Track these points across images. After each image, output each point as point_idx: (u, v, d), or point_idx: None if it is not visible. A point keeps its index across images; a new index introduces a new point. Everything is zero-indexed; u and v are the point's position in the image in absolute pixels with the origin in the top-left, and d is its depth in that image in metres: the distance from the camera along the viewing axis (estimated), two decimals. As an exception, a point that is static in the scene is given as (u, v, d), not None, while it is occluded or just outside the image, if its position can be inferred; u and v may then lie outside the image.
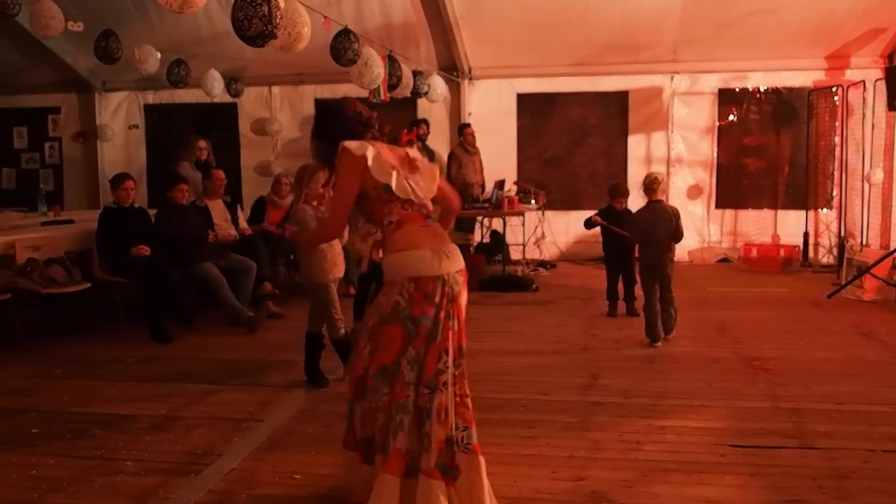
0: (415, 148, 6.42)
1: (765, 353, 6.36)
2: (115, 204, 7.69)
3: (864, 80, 10.38)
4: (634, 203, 8.56)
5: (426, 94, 10.58)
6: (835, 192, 10.93)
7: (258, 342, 7.10)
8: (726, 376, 5.75)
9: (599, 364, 6.15)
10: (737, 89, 11.41)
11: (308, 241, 3.95)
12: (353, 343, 5.21)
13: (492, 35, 10.97)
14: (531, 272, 10.51)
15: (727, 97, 11.45)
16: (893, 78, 9.34)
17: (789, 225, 11.28)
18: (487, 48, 11.31)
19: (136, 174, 10.09)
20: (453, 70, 11.62)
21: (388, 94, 9.42)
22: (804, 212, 11.20)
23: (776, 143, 11.50)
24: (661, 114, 11.52)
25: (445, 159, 11.19)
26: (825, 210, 11.11)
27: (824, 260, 11.02)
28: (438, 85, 10.83)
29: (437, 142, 11.61)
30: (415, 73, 10.03)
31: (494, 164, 11.36)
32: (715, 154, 11.51)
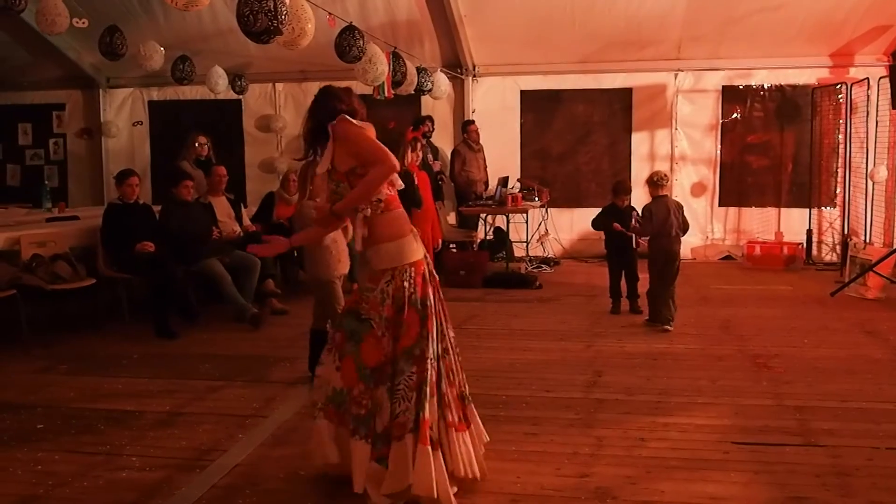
0: (419, 146, 6.45)
1: (769, 350, 6.36)
2: (119, 200, 7.71)
3: (868, 78, 10.37)
4: (636, 200, 8.58)
5: (430, 90, 10.58)
6: (838, 190, 10.92)
7: (262, 339, 7.11)
8: (730, 374, 5.76)
9: (603, 361, 6.16)
10: (741, 87, 11.39)
11: (371, 181, 3.73)
12: None
13: (496, 32, 10.96)
14: (534, 269, 10.52)
15: (731, 94, 11.43)
16: (898, 76, 9.34)
17: (793, 223, 11.27)
18: (491, 45, 11.30)
19: (141, 171, 10.11)
20: (457, 67, 11.62)
21: (393, 91, 9.43)
22: (808, 209, 11.19)
23: (780, 141, 11.49)
24: (664, 111, 11.51)
25: (449, 156, 11.20)
26: (829, 208, 11.11)
27: (828, 258, 11.02)
28: (442, 82, 10.83)
29: (441, 139, 11.63)
30: (419, 70, 10.03)
31: (498, 161, 11.37)
32: (718, 151, 11.50)
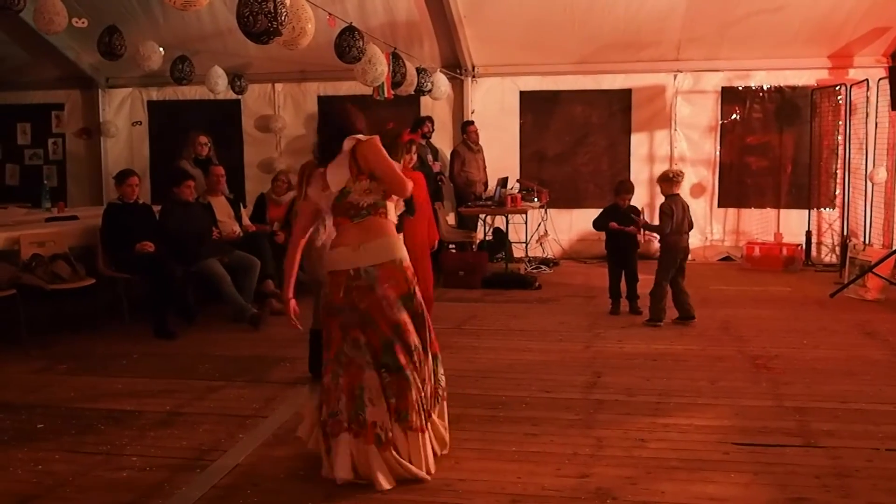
0: (413, 148, 6.48)
1: (768, 351, 6.37)
2: (119, 200, 7.70)
3: (867, 79, 10.37)
4: (637, 200, 8.58)
5: (430, 91, 10.58)
6: (838, 191, 10.93)
7: (262, 339, 7.11)
8: (730, 375, 5.76)
9: (603, 362, 6.16)
10: (740, 88, 11.40)
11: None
12: None
13: (495, 33, 10.97)
14: (534, 270, 10.52)
15: (730, 96, 11.44)
16: (897, 77, 9.35)
17: (792, 224, 11.27)
18: (491, 46, 11.31)
19: (140, 171, 10.07)
20: (457, 68, 11.62)
21: (392, 92, 9.43)
22: (807, 211, 11.20)
23: (779, 142, 11.49)
24: (664, 112, 11.52)
25: (449, 157, 11.20)
26: (828, 209, 11.11)
27: (827, 259, 11.03)
28: (442, 82, 10.84)
29: (441, 139, 11.63)
30: (418, 71, 10.03)
31: (497, 161, 11.37)
32: (718, 153, 11.51)
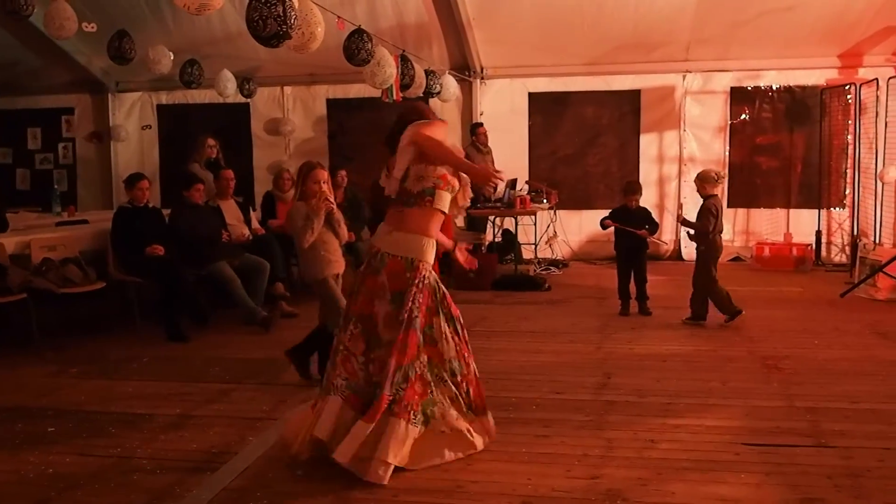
0: None
1: (779, 352, 6.35)
2: (129, 204, 7.72)
3: (877, 79, 10.33)
4: (647, 201, 8.57)
5: (438, 93, 10.59)
6: (848, 191, 10.89)
7: (273, 341, 7.09)
8: (741, 375, 5.75)
9: (613, 363, 6.15)
10: (749, 88, 11.38)
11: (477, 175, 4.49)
12: None
13: (504, 35, 10.97)
14: (543, 272, 10.52)
15: (740, 96, 11.42)
16: (907, 76, 9.32)
17: (802, 224, 11.24)
18: (499, 48, 11.31)
19: (150, 174, 10.10)
20: (465, 70, 11.63)
21: (401, 94, 9.44)
22: (817, 210, 11.17)
23: (789, 142, 11.46)
24: (673, 113, 11.50)
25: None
26: (838, 209, 11.08)
27: (837, 259, 10.99)
28: (451, 84, 10.85)
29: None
30: (427, 73, 10.04)
31: (506, 163, 11.32)
32: (727, 153, 11.48)
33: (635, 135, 11.72)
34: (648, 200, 10.31)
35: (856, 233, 10.61)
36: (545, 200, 10.79)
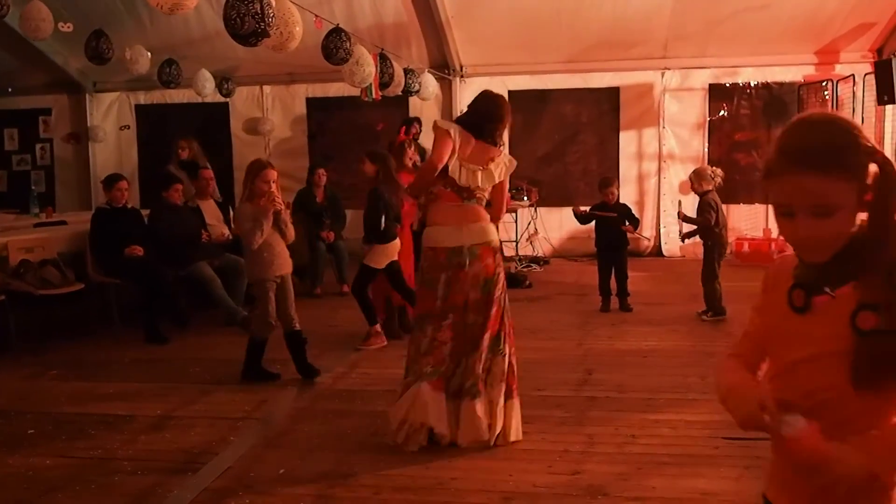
0: (412, 148, 6.55)
1: (758, 346, 6.38)
2: (107, 205, 7.67)
3: (853, 75, 10.42)
4: (627, 198, 8.60)
5: (418, 92, 10.58)
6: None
7: (253, 341, 7.10)
8: (720, 370, 5.77)
9: (594, 359, 6.18)
10: (727, 85, 11.44)
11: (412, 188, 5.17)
12: (304, 338, 5.77)
13: (483, 33, 10.97)
14: (524, 269, 10.54)
15: (718, 93, 11.48)
16: (882, 72, 9.38)
17: (781, 219, 11.29)
18: (479, 46, 11.31)
19: (128, 175, 10.06)
20: (445, 68, 11.63)
21: (380, 93, 9.43)
22: (795, 206, 11.22)
23: (767, 138, 11.51)
24: (652, 110, 11.54)
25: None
26: (816, 204, 11.13)
27: (815, 254, 11.05)
28: (430, 83, 10.84)
29: (429, 140, 11.53)
30: (406, 72, 10.03)
31: (486, 161, 11.35)
32: (706, 149, 11.54)
33: (614, 132, 11.74)
34: (628, 197, 10.35)
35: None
36: (525, 198, 10.81)
